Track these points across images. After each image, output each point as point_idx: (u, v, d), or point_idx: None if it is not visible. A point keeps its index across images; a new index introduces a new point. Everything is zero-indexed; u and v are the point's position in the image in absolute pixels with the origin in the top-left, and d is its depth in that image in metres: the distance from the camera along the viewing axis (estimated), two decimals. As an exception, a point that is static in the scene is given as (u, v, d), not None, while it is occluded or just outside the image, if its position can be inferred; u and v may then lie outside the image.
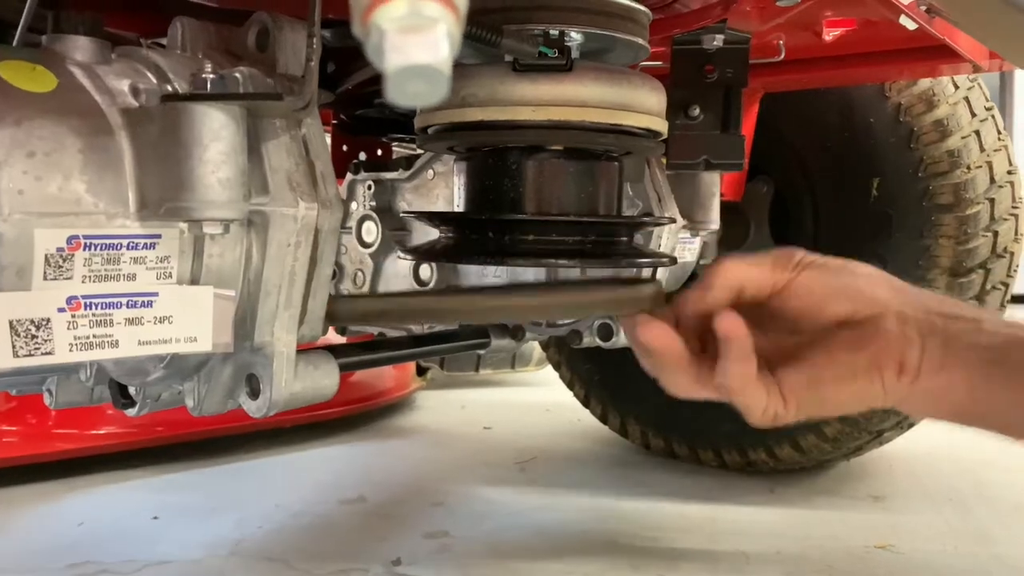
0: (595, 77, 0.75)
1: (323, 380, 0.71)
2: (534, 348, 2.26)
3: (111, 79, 0.61)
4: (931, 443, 1.71)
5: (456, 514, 1.33)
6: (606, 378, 1.64)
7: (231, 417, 1.73)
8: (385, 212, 1.31)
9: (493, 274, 1.27)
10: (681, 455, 1.55)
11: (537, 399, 2.13)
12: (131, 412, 0.79)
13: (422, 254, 0.90)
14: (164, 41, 0.72)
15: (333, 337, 1.25)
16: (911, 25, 0.87)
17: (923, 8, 0.82)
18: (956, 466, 1.55)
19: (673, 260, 0.90)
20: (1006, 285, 1.32)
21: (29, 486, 1.46)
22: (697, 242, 1.24)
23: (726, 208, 1.45)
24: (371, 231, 1.36)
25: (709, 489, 1.43)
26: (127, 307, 0.59)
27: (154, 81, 0.63)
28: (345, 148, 1.54)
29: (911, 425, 1.44)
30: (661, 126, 0.81)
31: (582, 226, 0.79)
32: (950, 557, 1.14)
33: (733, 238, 1.50)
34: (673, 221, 0.98)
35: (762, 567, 1.11)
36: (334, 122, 1.53)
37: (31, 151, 0.55)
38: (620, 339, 1.08)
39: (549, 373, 1.90)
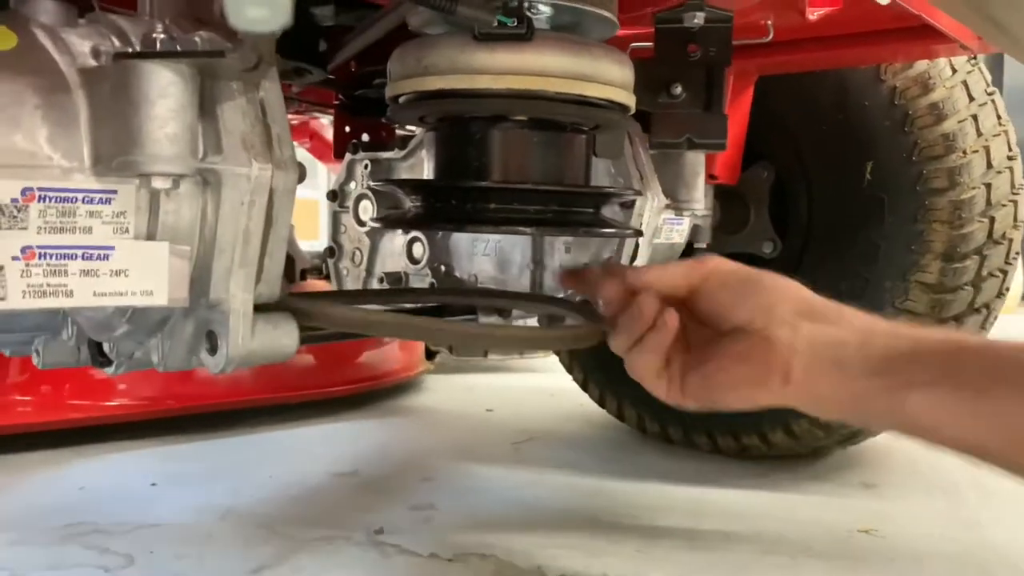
0: (555, 46, 0.76)
1: (282, 339, 0.73)
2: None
3: (73, 40, 0.64)
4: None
5: (444, 488, 1.35)
6: (603, 362, 1.64)
7: (238, 391, 1.79)
8: (380, 194, 1.34)
9: (482, 252, 1.29)
10: (676, 439, 1.55)
11: (542, 384, 2.14)
12: (109, 370, 0.82)
13: (391, 222, 0.93)
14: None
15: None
16: (883, 0, 0.86)
17: (894, -19, 0.82)
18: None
19: (639, 232, 0.91)
20: (1004, 272, 1.29)
21: (39, 452, 1.51)
22: (685, 223, 1.24)
23: (723, 192, 1.45)
24: (367, 209, 1.39)
25: (700, 472, 1.43)
26: (82, 259, 0.62)
27: (117, 44, 0.65)
28: (348, 129, 1.56)
29: (907, 413, 1.42)
30: (626, 98, 0.82)
31: (543, 195, 0.80)
32: (934, 541, 1.13)
33: (732, 223, 1.50)
34: (639, 194, 0.98)
35: (740, 545, 1.12)
36: (336, 103, 1.55)
37: (-13, 106, 0.58)
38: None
39: (557, 359, 1.91)
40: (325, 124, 2.22)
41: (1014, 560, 1.07)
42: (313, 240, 4.46)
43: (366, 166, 1.39)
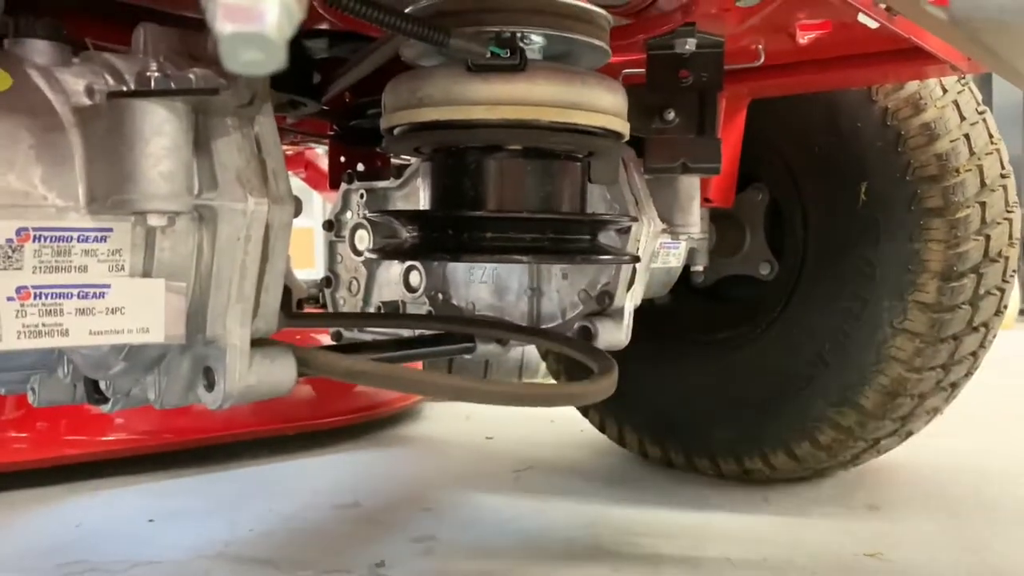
0: (547, 76, 0.76)
1: (280, 374, 0.72)
2: (540, 360, 2.26)
3: (68, 80, 0.64)
4: (934, 453, 1.68)
5: (444, 519, 1.34)
6: (603, 387, 1.63)
7: (236, 424, 1.78)
8: (376, 225, 1.34)
9: (480, 279, 1.29)
10: (678, 464, 1.54)
11: (542, 411, 2.13)
12: (105, 408, 0.81)
13: (388, 252, 0.92)
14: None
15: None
16: (872, 24, 0.87)
17: (882, 6, 0.82)
18: (958, 476, 1.52)
19: (636, 259, 0.91)
20: (1001, 290, 1.29)
21: (35, 489, 1.49)
22: (682, 246, 1.24)
23: (719, 215, 1.46)
24: (364, 239, 1.39)
25: (703, 497, 1.42)
26: (78, 298, 0.62)
27: (111, 82, 0.66)
28: (343, 159, 1.57)
29: (909, 434, 1.41)
30: (619, 126, 0.82)
31: (538, 223, 0.80)
32: (939, 565, 1.12)
33: (728, 246, 1.50)
34: (634, 220, 0.98)
35: (745, 572, 1.10)
36: (330, 133, 1.56)
37: (-18, 147, 0.58)
38: (599, 340, 1.08)
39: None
40: (320, 154, 2.23)
41: (1022, 581, 1.06)
42: (309, 269, 4.46)
43: (362, 195, 1.39)
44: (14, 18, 0.65)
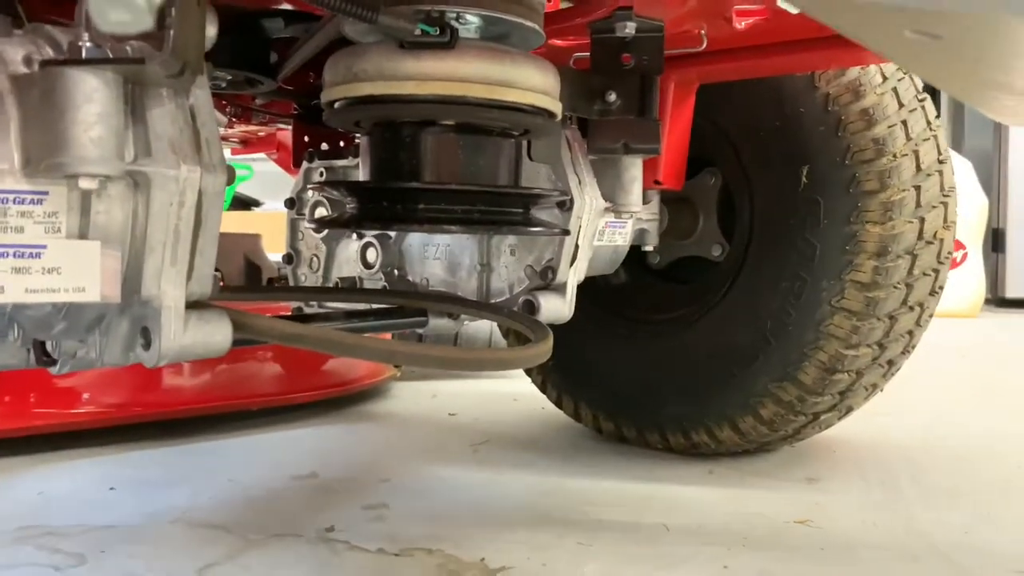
0: (477, 54, 0.80)
1: (214, 335, 0.76)
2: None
3: (6, 50, 0.67)
4: (878, 430, 1.74)
5: (399, 489, 1.38)
6: (560, 364, 1.67)
7: (201, 398, 1.81)
8: (335, 203, 1.37)
9: (433, 256, 1.32)
10: (630, 438, 1.59)
11: (507, 389, 2.17)
12: (53, 369, 0.85)
13: (327, 223, 0.95)
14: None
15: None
16: (792, 9, 0.90)
17: (801, -9, 0.86)
18: (899, 453, 1.58)
19: (565, 232, 0.94)
20: (936, 271, 1.34)
21: (1, 459, 1.52)
22: (628, 225, 1.28)
23: (675, 199, 1.50)
24: (323, 215, 1.42)
25: (651, 469, 1.47)
26: (14, 257, 0.65)
27: (50, 53, 0.69)
28: (306, 138, 1.60)
29: (849, 409, 1.46)
30: (550, 104, 0.86)
31: (469, 195, 0.83)
32: (865, 531, 1.17)
33: (681, 228, 1.55)
34: (565, 194, 1.02)
35: (680, 538, 1.15)
36: (294, 112, 1.59)
37: (-81, 112, 0.61)
38: (543, 314, 1.12)
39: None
40: (289, 133, 2.25)
41: (942, 549, 1.11)
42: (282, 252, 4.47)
43: (321, 174, 1.43)
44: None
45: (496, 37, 0.88)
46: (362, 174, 0.90)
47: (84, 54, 0.63)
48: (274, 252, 2.95)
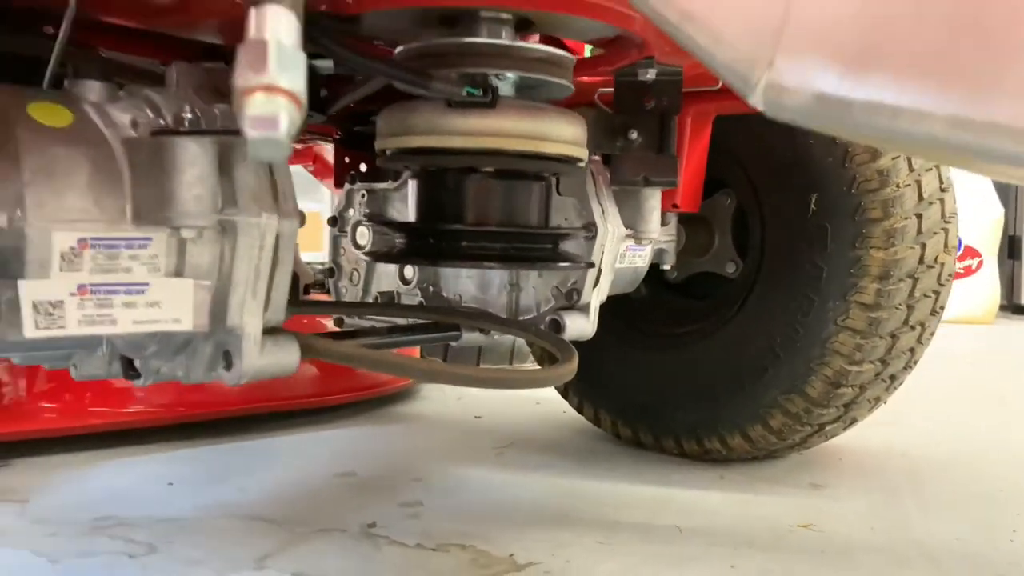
0: (516, 112, 0.90)
1: (285, 358, 0.87)
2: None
3: (116, 114, 0.79)
4: (883, 439, 1.83)
5: (431, 488, 1.49)
6: (582, 372, 1.77)
7: (245, 399, 1.94)
8: (377, 218, 1.48)
9: (466, 275, 1.44)
10: (646, 443, 1.69)
11: (530, 393, 2.28)
12: (138, 382, 0.96)
13: (379, 256, 1.06)
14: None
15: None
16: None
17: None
18: (902, 461, 1.67)
19: (591, 265, 1.05)
20: (937, 292, 1.43)
21: (62, 455, 1.65)
22: (647, 249, 1.38)
23: (692, 218, 1.60)
24: (364, 235, 1.53)
25: (666, 474, 1.57)
26: (124, 294, 0.77)
27: (150, 115, 0.80)
28: (347, 160, 1.71)
29: (853, 420, 1.56)
30: (577, 152, 0.96)
31: (506, 235, 0.94)
32: (864, 536, 1.27)
33: (698, 246, 1.65)
34: (588, 230, 1.12)
35: (690, 538, 1.25)
36: (336, 136, 1.70)
37: (51, 173, 0.72)
38: (567, 332, 1.22)
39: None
40: (327, 147, 2.37)
41: (933, 555, 1.21)
42: (316, 252, 4.60)
43: (363, 195, 1.54)
44: (73, 63, 0.80)
45: (530, 87, 0.99)
46: (410, 205, 1.01)
47: (187, 124, 0.74)
48: (306, 252, 3.07)
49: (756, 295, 1.51)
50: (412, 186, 0.99)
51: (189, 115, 0.75)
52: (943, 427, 2.05)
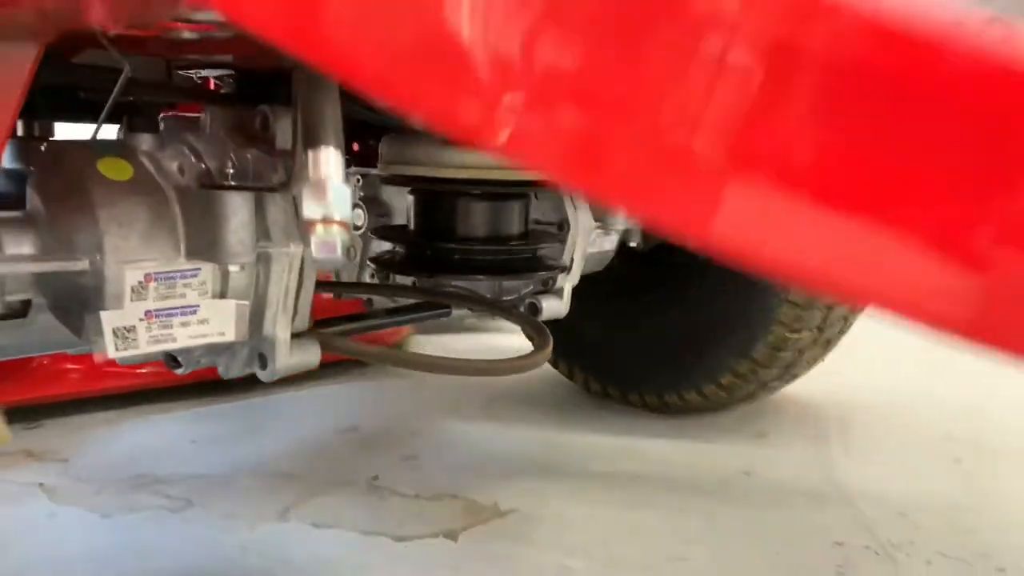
0: (498, 146, 1.07)
1: (310, 357, 1.05)
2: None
3: (166, 162, 0.94)
4: (824, 391, 2.06)
5: (427, 441, 1.70)
6: (557, 332, 1.98)
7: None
8: (371, 200, 1.64)
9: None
10: (614, 397, 1.91)
11: (515, 345, 2.48)
12: (179, 371, 1.15)
13: (381, 264, 1.23)
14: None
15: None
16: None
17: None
18: (837, 411, 1.90)
19: (565, 269, 1.23)
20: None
21: (89, 415, 1.84)
22: (615, 234, 1.56)
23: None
24: (360, 216, 1.69)
25: (629, 426, 1.79)
26: (180, 315, 0.94)
27: (193, 160, 0.96)
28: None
29: (794, 377, 1.78)
30: (552, 174, 1.13)
31: (492, 248, 1.12)
32: (792, 480, 1.50)
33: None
34: (563, 226, 1.29)
35: (645, 485, 1.48)
36: (330, 123, 1.84)
37: (120, 222, 0.89)
38: (544, 312, 1.41)
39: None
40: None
41: (849, 496, 1.44)
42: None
43: (358, 179, 1.69)
44: (128, 119, 0.94)
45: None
46: (408, 221, 1.18)
47: (231, 179, 0.90)
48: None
49: (714, 268, 1.70)
50: (411, 200, 1.16)
51: (231, 169, 0.91)
52: (877, 379, 2.29)
